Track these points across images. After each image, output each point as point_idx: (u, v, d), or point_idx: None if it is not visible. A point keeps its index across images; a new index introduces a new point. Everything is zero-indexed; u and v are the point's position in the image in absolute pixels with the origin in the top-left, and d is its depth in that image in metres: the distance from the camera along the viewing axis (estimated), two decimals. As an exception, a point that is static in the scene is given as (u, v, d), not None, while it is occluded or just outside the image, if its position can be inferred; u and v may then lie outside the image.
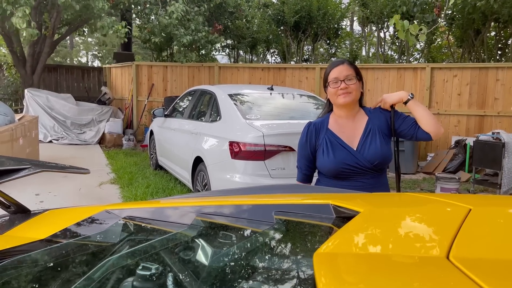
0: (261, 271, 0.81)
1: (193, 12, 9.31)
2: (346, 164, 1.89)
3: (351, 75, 1.91)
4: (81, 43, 28.97)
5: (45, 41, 9.52)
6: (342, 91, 1.90)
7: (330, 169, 1.92)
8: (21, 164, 1.44)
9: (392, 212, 0.94)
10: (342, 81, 1.89)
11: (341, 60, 1.98)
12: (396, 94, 1.98)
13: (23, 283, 0.93)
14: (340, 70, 1.91)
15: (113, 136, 9.81)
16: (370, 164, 1.89)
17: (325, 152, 1.93)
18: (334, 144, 1.94)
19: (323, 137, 1.97)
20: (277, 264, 0.84)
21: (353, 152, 1.91)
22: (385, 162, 1.94)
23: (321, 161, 1.95)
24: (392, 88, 8.11)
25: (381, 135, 1.95)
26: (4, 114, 5.92)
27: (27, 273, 0.98)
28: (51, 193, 5.26)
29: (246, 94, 5.04)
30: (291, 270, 0.81)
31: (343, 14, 11.79)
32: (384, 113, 2.00)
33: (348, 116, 1.99)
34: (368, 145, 1.91)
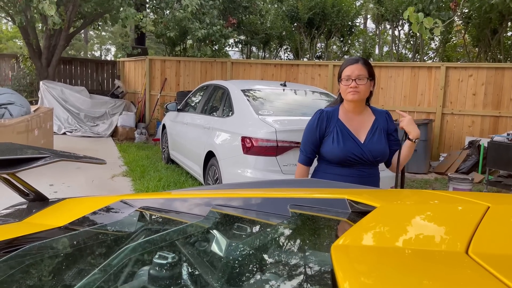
0: (276, 263, 0.82)
1: (208, 6, 9.32)
2: (353, 153, 2.06)
3: (363, 75, 2.05)
4: (95, 36, 29.23)
5: (61, 34, 9.63)
6: (351, 90, 2.04)
7: (337, 156, 2.08)
8: (40, 153, 1.47)
9: (409, 208, 0.94)
10: (353, 80, 2.03)
11: (356, 59, 2.11)
12: (415, 127, 2.12)
13: (42, 268, 0.95)
14: (353, 69, 2.05)
15: (125, 129, 9.89)
16: (373, 157, 2.09)
17: (335, 140, 2.08)
18: (344, 134, 2.09)
19: (334, 126, 2.11)
20: (293, 256, 0.85)
21: (360, 144, 2.08)
22: (384, 158, 2.16)
23: (329, 147, 2.10)
24: (406, 87, 8.03)
25: (384, 135, 2.15)
26: (21, 105, 6.01)
27: (45, 259, 1.00)
28: (64, 184, 5.33)
29: (259, 90, 5.04)
30: (307, 262, 0.81)
31: (357, 11, 11.69)
32: (388, 120, 2.19)
33: (355, 112, 2.14)
34: (374, 141, 2.10)
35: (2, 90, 6.17)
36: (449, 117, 7.74)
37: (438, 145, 7.84)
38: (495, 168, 5.90)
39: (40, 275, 0.91)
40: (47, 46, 9.87)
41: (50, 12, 6.47)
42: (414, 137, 2.09)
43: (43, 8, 6.49)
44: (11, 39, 24.01)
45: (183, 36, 11.14)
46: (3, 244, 1.12)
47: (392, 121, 2.20)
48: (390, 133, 2.18)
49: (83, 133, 9.69)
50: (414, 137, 2.09)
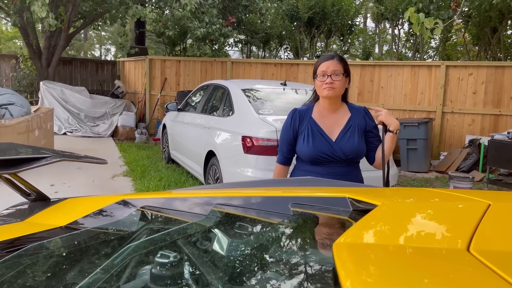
0: (278, 262, 0.82)
1: (207, 5, 9.33)
2: (323, 152, 2.05)
3: (339, 71, 2.03)
4: (95, 36, 29.22)
5: (61, 35, 9.63)
6: (327, 86, 2.02)
7: (308, 155, 2.07)
8: (41, 153, 1.47)
9: (410, 206, 0.94)
10: (329, 76, 2.01)
11: (332, 55, 2.10)
12: (393, 119, 2.10)
13: (44, 268, 0.95)
14: (328, 65, 2.03)
15: (126, 129, 9.90)
16: (345, 156, 2.06)
17: (306, 139, 2.08)
18: (315, 133, 2.08)
19: (306, 124, 2.11)
20: (294, 255, 0.85)
21: (331, 143, 2.06)
22: (358, 156, 2.11)
23: (300, 146, 2.10)
24: (406, 86, 8.03)
25: (360, 133, 2.10)
26: (21, 106, 6.01)
27: (47, 258, 1.00)
28: (65, 184, 5.34)
29: (259, 89, 5.04)
30: (309, 261, 0.81)
31: (357, 10, 11.69)
32: (366, 117, 2.15)
33: (331, 109, 2.12)
34: (346, 139, 2.07)
35: (3, 91, 6.17)
36: (450, 116, 7.74)
37: (439, 144, 7.84)
38: (496, 166, 5.90)
39: (42, 274, 0.91)
40: (47, 47, 9.87)
41: (42, 14, 6.47)
42: (395, 129, 2.05)
43: (34, 10, 6.49)
44: (11, 40, 24.01)
45: (183, 36, 11.14)
46: (5, 243, 1.13)
47: (371, 118, 2.15)
48: (369, 130, 2.14)
49: (84, 134, 9.70)
50: (395, 128, 2.05)
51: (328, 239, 0.87)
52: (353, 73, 8.45)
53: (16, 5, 7.54)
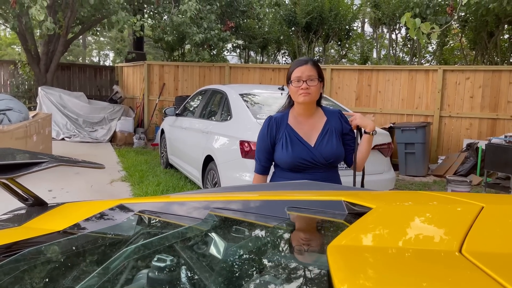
0: (274, 265, 0.83)
1: (206, 11, 9.37)
2: (302, 158, 2.02)
3: (313, 76, 2.00)
4: (94, 42, 29.28)
5: (59, 40, 9.66)
6: (302, 91, 1.99)
7: (287, 162, 2.04)
8: (39, 158, 1.47)
9: (404, 208, 0.95)
10: (304, 82, 1.98)
11: (306, 60, 2.06)
12: (368, 121, 2.11)
13: (41, 272, 0.96)
14: (303, 70, 2.00)
15: (124, 134, 9.90)
16: (325, 160, 2.04)
17: (284, 146, 2.05)
18: (293, 139, 2.06)
19: (283, 132, 2.08)
20: (290, 258, 0.86)
21: (310, 148, 2.04)
22: (338, 160, 2.11)
23: (279, 154, 2.07)
24: (403, 90, 8.06)
25: (337, 136, 2.09)
26: (19, 111, 6.01)
27: (44, 263, 1.01)
28: (63, 189, 5.33)
29: (257, 94, 5.06)
30: (305, 264, 0.82)
31: (354, 15, 11.75)
32: (342, 120, 2.13)
33: (306, 114, 2.10)
34: (325, 143, 2.05)
35: (1, 97, 6.17)
36: (447, 120, 7.77)
37: (436, 148, 7.86)
38: (493, 170, 5.92)
39: (39, 279, 0.91)
40: (46, 52, 9.89)
41: (40, 17, 6.49)
42: (371, 130, 2.07)
43: (33, 13, 6.51)
44: (10, 46, 24.04)
45: (182, 41, 11.18)
46: (3, 248, 1.13)
47: (346, 121, 2.14)
48: (346, 133, 2.13)
49: (82, 139, 9.69)
50: (371, 129, 2.07)
51: (323, 242, 0.87)
52: (350, 77, 8.50)
53: (15, 10, 7.56)
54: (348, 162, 2.17)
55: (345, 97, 8.52)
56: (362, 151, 2.11)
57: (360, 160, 2.12)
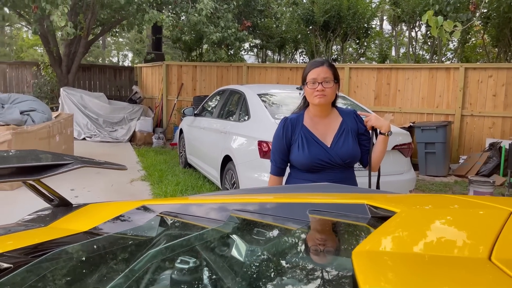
0: (297, 269, 0.83)
1: (223, 10, 9.40)
2: (319, 159, 2.02)
3: (329, 78, 2.00)
4: (113, 43, 29.73)
5: (80, 42, 9.84)
6: (318, 93, 1.99)
7: (303, 163, 2.04)
8: (64, 159, 1.51)
9: (429, 213, 0.93)
10: (319, 83, 1.98)
11: (321, 61, 2.04)
12: (383, 121, 2.11)
13: (68, 273, 0.98)
14: (318, 72, 1.99)
15: (143, 134, 10.02)
16: (342, 160, 2.03)
17: (300, 147, 2.04)
18: (309, 140, 2.05)
19: (299, 133, 2.07)
20: (313, 262, 0.86)
21: (327, 149, 2.04)
22: (354, 160, 2.10)
23: (295, 155, 2.06)
24: (424, 89, 7.93)
25: (353, 136, 2.08)
26: (42, 112, 6.15)
27: (71, 264, 1.03)
28: (85, 189, 5.44)
29: (275, 94, 5.06)
30: (328, 268, 0.82)
31: (373, 13, 11.61)
32: (357, 120, 2.13)
33: (322, 115, 2.10)
34: (341, 143, 2.04)
35: (25, 98, 6.33)
36: (469, 119, 7.61)
37: (458, 147, 7.71)
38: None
39: (65, 280, 0.93)
40: (67, 54, 10.09)
41: (61, 23, 6.60)
42: (386, 131, 2.06)
43: (54, 19, 6.63)
44: (32, 47, 24.62)
45: (199, 41, 11.25)
46: (30, 249, 1.16)
47: (362, 121, 2.13)
48: (361, 133, 2.12)
49: (102, 139, 9.86)
50: (386, 130, 2.06)
51: (347, 246, 0.87)
52: (369, 76, 8.41)
53: (37, 14, 7.74)
54: (363, 162, 2.16)
55: (363, 96, 8.43)
56: (378, 151, 2.10)
57: (375, 161, 2.11)
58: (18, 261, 1.03)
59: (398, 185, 4.03)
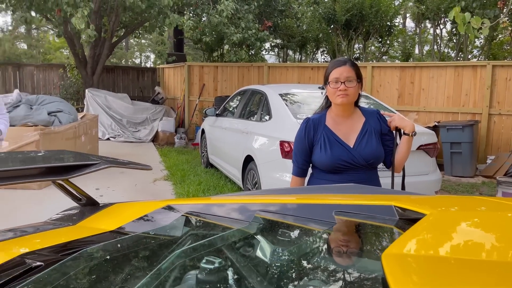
0: (323, 270, 0.82)
1: (243, 10, 9.43)
2: (342, 160, 2.00)
3: (352, 77, 1.97)
4: (135, 44, 30.22)
5: (104, 44, 10.03)
6: (341, 93, 1.96)
7: (326, 164, 2.02)
8: (91, 160, 1.54)
9: (460, 215, 0.91)
10: (342, 83, 1.95)
11: (344, 60, 2.02)
12: (407, 121, 2.08)
13: (96, 271, 0.99)
14: (341, 71, 1.97)
15: (165, 134, 10.15)
16: (365, 161, 2.00)
17: (323, 148, 2.03)
18: (331, 141, 2.03)
19: (321, 133, 2.05)
20: (339, 263, 0.85)
21: (349, 149, 2.01)
22: (378, 161, 2.07)
23: (318, 155, 2.05)
24: (449, 87, 7.75)
25: (377, 136, 2.06)
26: (69, 113, 6.30)
27: (98, 262, 1.05)
28: (109, 188, 5.54)
29: (296, 93, 5.04)
30: (355, 270, 0.80)
31: (396, 11, 11.43)
32: (381, 120, 2.10)
33: (344, 115, 2.07)
34: (364, 144, 2.02)
35: (52, 99, 6.50)
36: (497, 118, 7.39)
37: (485, 147, 7.50)
38: (549, 171, 5.58)
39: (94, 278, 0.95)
40: (92, 56, 10.31)
41: (80, 26, 6.73)
42: (410, 131, 2.03)
43: (74, 22, 6.76)
44: (58, 50, 25.28)
45: (220, 42, 11.31)
46: (59, 247, 1.18)
47: (385, 120, 2.10)
48: (385, 133, 2.09)
49: (126, 139, 10.03)
50: (410, 131, 2.03)
51: (375, 249, 0.85)
52: (392, 75, 8.28)
53: (60, 17, 7.93)
54: (387, 163, 2.13)
55: (386, 95, 8.30)
56: (401, 152, 2.07)
57: (399, 161, 2.08)
58: (48, 259, 1.05)
59: (423, 185, 3.95)
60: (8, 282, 0.89)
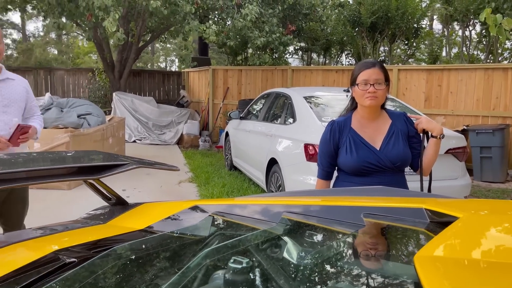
0: (350, 273, 0.81)
1: (268, 14, 9.46)
2: (368, 162, 1.97)
3: (381, 79, 1.95)
4: (161, 49, 30.74)
5: (131, 48, 10.26)
6: (369, 95, 1.94)
7: (352, 166, 2.00)
8: (121, 160, 1.57)
9: (493, 219, 0.88)
10: (371, 85, 1.94)
11: (373, 62, 2.00)
12: (435, 124, 2.05)
13: (126, 268, 1.02)
14: (370, 73, 1.95)
15: (190, 137, 10.27)
16: (392, 164, 1.98)
17: (348, 150, 2.01)
18: (357, 143, 2.01)
19: (347, 135, 2.04)
20: (368, 266, 0.84)
21: (376, 151, 1.99)
22: (405, 163, 2.04)
23: (343, 158, 2.03)
24: (479, 90, 7.54)
25: (404, 138, 2.03)
26: (97, 115, 6.46)
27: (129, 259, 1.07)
28: (136, 189, 5.64)
29: (321, 96, 5.01)
30: (385, 273, 0.80)
31: (423, 13, 11.21)
32: (407, 123, 2.08)
33: (371, 117, 2.05)
34: (391, 146, 1.99)
35: (81, 102, 6.68)
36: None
37: (517, 152, 7.25)
38: None
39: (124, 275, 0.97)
40: (119, 60, 10.55)
41: (112, 28, 6.91)
42: (438, 134, 1.99)
43: (106, 25, 6.95)
44: (87, 54, 25.98)
45: (244, 46, 11.38)
46: (91, 244, 1.22)
47: (412, 123, 2.07)
48: (412, 136, 2.05)
49: (151, 141, 10.20)
50: (438, 133, 1.99)
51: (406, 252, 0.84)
52: (419, 78, 8.12)
53: (91, 21, 8.15)
54: (414, 166, 2.10)
55: (413, 98, 8.15)
56: (429, 155, 2.03)
57: (427, 165, 2.05)
58: (81, 256, 1.08)
59: (451, 190, 3.86)
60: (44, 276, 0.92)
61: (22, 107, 2.61)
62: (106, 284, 0.91)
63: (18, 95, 2.56)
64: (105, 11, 6.89)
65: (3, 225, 2.59)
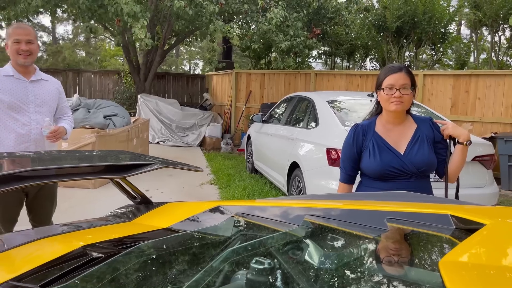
0: (373, 278, 0.81)
1: (292, 18, 9.46)
2: (392, 166, 1.94)
3: (407, 84, 1.93)
4: (185, 52, 31.15)
5: (157, 51, 10.44)
6: (395, 100, 1.92)
7: (375, 171, 1.97)
8: (147, 160, 1.61)
9: (522, 227, 0.87)
10: (397, 90, 1.91)
11: (399, 67, 1.97)
12: (462, 130, 2.00)
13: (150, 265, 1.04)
14: (396, 78, 1.92)
15: (212, 140, 10.35)
16: (416, 169, 1.94)
17: (372, 154, 1.98)
18: (381, 147, 1.98)
19: (370, 139, 2.01)
20: (391, 270, 0.83)
21: (400, 156, 1.96)
22: (430, 169, 2.00)
23: (366, 162, 2.00)
24: (508, 97, 7.34)
25: (429, 144, 1.99)
26: (122, 117, 6.60)
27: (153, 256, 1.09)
28: (158, 190, 5.72)
29: (344, 101, 4.98)
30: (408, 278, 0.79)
31: (451, 17, 10.99)
32: (433, 128, 2.04)
33: (396, 122, 2.03)
34: (416, 151, 1.96)
35: (108, 103, 6.83)
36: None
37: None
38: None
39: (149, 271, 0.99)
40: (145, 63, 10.74)
41: (141, 35, 7.04)
42: (465, 140, 1.94)
43: (135, 32, 7.08)
44: (113, 57, 26.57)
45: (268, 49, 11.40)
46: (117, 241, 1.25)
47: (438, 128, 2.03)
48: (438, 142, 2.01)
49: (174, 143, 10.33)
50: (465, 139, 1.95)
51: (430, 258, 0.83)
52: (445, 83, 7.96)
53: (120, 27, 8.33)
54: (439, 172, 2.06)
55: (438, 104, 7.99)
56: (455, 161, 1.99)
57: (453, 171, 2.00)
58: (107, 251, 1.11)
59: (478, 198, 3.76)
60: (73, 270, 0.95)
61: (54, 108, 2.70)
62: (131, 280, 0.93)
63: (50, 95, 2.65)
64: (134, 17, 7.04)
65: (31, 220, 2.68)
